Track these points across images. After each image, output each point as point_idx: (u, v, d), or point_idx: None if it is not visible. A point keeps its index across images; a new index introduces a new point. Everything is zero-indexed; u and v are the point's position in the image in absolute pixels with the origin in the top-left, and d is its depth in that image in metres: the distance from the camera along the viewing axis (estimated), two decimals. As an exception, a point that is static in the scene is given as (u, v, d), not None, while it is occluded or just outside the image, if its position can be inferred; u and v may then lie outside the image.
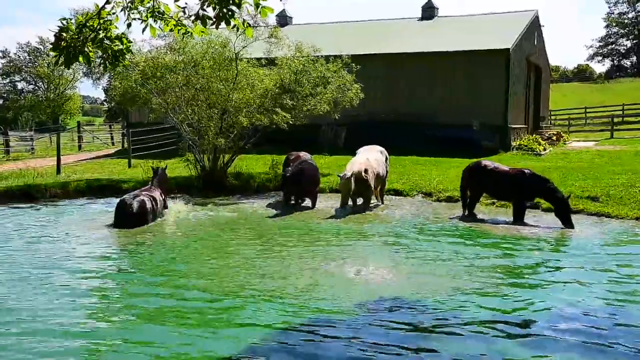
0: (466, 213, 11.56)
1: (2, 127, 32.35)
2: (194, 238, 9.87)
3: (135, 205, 10.72)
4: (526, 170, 11.06)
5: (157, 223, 11.02)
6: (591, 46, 75.54)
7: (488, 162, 11.86)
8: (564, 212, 10.43)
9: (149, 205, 10.90)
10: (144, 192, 11.27)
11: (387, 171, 13.22)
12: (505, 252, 8.79)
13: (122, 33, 6.03)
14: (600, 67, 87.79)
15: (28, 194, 13.82)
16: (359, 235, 9.98)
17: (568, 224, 10.33)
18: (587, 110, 40.15)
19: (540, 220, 11.11)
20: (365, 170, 11.74)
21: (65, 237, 9.87)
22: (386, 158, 13.24)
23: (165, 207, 11.86)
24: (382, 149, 13.33)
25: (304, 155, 13.97)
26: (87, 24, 5.71)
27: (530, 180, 10.79)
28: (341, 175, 12.03)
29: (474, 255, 8.54)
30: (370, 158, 12.40)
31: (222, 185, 15.01)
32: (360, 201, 12.36)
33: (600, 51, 75.29)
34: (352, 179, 11.71)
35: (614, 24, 73.51)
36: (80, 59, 5.70)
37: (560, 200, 10.51)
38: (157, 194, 11.46)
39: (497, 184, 11.22)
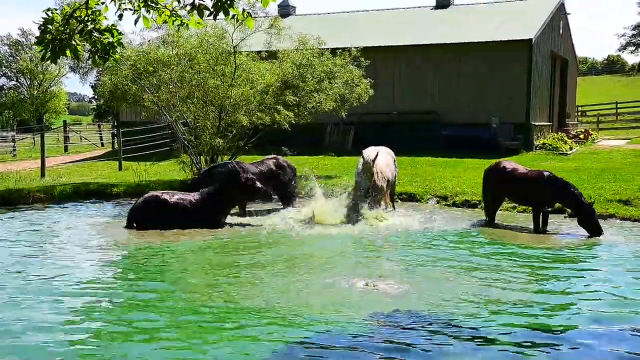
0: (487, 219, 11.56)
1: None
2: (184, 251, 9.90)
3: (140, 202, 11.09)
4: (545, 172, 10.95)
5: (161, 231, 10.70)
6: (623, 35, 74.56)
7: (507, 163, 11.83)
8: (588, 221, 10.24)
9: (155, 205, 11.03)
10: (167, 192, 11.54)
11: (395, 175, 13.17)
12: (530, 263, 8.76)
13: (112, 24, 6.09)
14: (633, 58, 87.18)
15: (8, 200, 13.87)
16: (371, 247, 9.97)
17: (594, 232, 10.17)
18: (618, 105, 39.96)
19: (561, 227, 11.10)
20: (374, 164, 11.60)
21: (43, 245, 9.95)
22: (394, 161, 13.19)
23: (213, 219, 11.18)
24: (390, 150, 13.25)
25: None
26: (74, 15, 5.77)
27: (550, 184, 10.64)
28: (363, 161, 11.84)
29: (495, 267, 8.52)
30: (378, 161, 12.18)
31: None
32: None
33: (634, 40, 74.58)
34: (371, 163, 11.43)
35: (650, 10, 72.84)
36: (68, 52, 5.76)
37: (583, 207, 10.32)
38: (191, 197, 11.24)
39: (516, 187, 11.17)
